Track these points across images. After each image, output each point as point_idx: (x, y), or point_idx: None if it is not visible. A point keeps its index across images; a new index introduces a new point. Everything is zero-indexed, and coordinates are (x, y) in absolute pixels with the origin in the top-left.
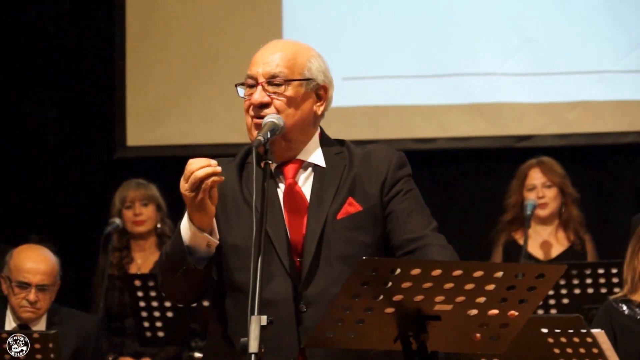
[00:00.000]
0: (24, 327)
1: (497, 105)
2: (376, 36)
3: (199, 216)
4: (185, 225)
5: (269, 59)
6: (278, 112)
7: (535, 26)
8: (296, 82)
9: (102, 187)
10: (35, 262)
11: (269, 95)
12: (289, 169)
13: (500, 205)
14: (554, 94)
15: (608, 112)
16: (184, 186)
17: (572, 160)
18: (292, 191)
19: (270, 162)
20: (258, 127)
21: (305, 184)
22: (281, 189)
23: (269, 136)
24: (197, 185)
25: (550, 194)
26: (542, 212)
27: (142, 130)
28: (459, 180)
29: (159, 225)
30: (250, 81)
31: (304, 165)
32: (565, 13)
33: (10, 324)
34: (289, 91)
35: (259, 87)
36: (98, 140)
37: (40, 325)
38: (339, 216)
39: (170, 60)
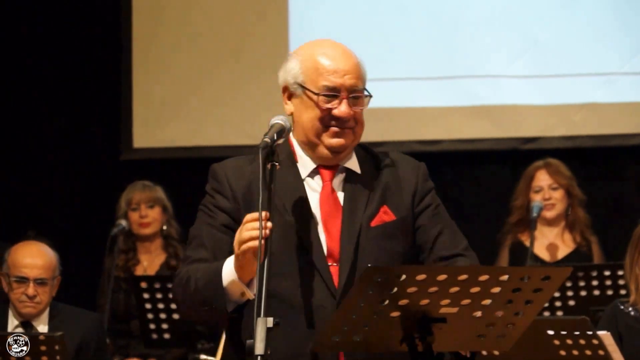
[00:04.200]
0: (26, 324)
1: (503, 108)
2: (382, 38)
3: (242, 269)
4: (228, 268)
5: (349, 69)
6: (357, 123)
7: (541, 29)
8: (367, 94)
9: (108, 188)
10: (32, 257)
11: (350, 108)
12: (328, 172)
13: (506, 207)
14: (560, 96)
15: (614, 114)
16: (237, 239)
17: (579, 162)
18: (329, 195)
19: (276, 164)
20: (340, 135)
21: (339, 188)
22: (317, 192)
23: (275, 138)
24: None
25: (557, 195)
26: (548, 214)
27: (149, 132)
28: (465, 182)
29: (164, 227)
30: (333, 92)
31: (339, 169)
32: (571, 15)
33: (12, 322)
34: (364, 103)
35: (345, 101)
36: (104, 142)
37: (43, 323)
38: (373, 224)
39: (176, 62)
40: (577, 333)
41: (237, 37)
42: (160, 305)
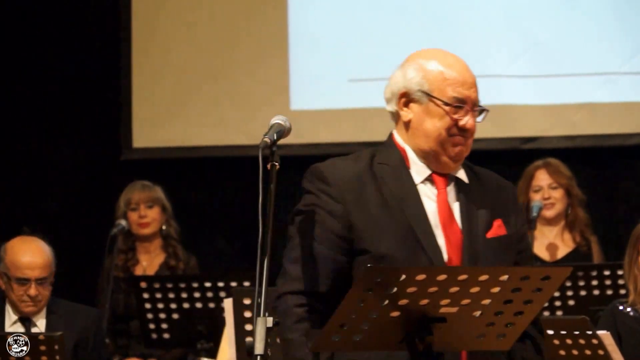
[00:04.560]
0: (24, 319)
1: (503, 107)
2: (382, 39)
3: None
4: None
5: (473, 83)
6: (471, 135)
7: (541, 29)
8: (484, 109)
9: (108, 188)
10: (32, 256)
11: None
12: (442, 180)
13: None
14: (560, 95)
15: (614, 114)
16: None
17: (578, 161)
18: (446, 202)
19: (276, 164)
20: (462, 145)
21: (451, 196)
22: (431, 198)
23: (275, 138)
24: None
25: (557, 195)
26: (548, 213)
27: (148, 132)
28: None
29: (164, 227)
30: (461, 104)
31: (450, 178)
32: (571, 15)
33: (10, 317)
34: (480, 117)
35: (471, 113)
36: (104, 142)
37: (41, 318)
38: (489, 235)
39: (176, 62)
40: (576, 333)
41: (237, 37)
42: (160, 305)
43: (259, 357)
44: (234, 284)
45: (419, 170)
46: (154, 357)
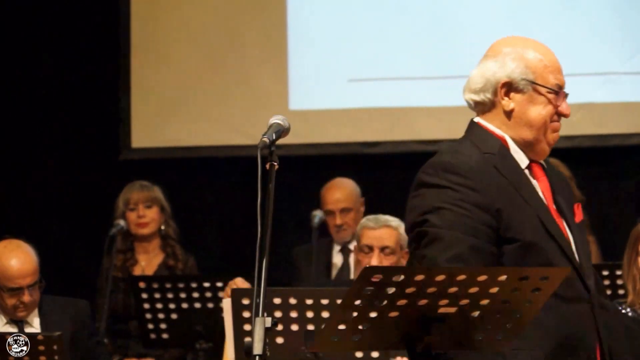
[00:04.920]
0: (17, 322)
1: None
2: (381, 39)
3: None
4: None
5: (561, 67)
6: None
7: (541, 29)
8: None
9: (107, 188)
10: (21, 263)
11: None
12: (539, 168)
13: None
14: None
15: (613, 113)
16: None
17: (578, 161)
18: (549, 191)
19: (275, 164)
20: (557, 131)
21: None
22: (537, 187)
23: (274, 137)
24: None
25: None
26: None
27: (147, 132)
28: None
29: (162, 227)
30: (560, 90)
31: (541, 165)
32: (571, 15)
33: (1, 319)
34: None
35: (564, 98)
36: (103, 142)
37: (34, 317)
38: (577, 220)
39: (174, 62)
40: None
41: (236, 37)
42: (159, 305)
43: (257, 357)
44: None
45: (520, 159)
46: (153, 356)
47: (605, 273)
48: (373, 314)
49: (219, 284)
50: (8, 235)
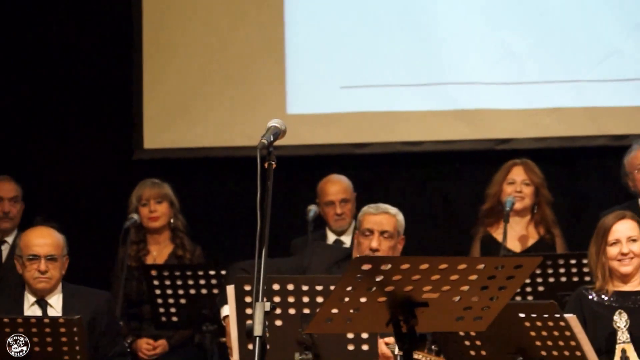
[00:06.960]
0: (41, 302)
1: (479, 112)
2: (370, 50)
3: None
4: None
5: None
6: None
7: (515, 39)
8: None
9: (121, 185)
10: (41, 236)
11: None
12: None
13: (481, 202)
14: (532, 101)
15: (580, 117)
16: None
17: (547, 161)
18: None
19: (273, 163)
20: None
21: None
22: None
23: (272, 139)
24: None
25: (527, 191)
26: (517, 205)
27: (158, 134)
28: (444, 179)
29: (172, 221)
30: None
31: None
32: (544, 26)
33: (28, 300)
34: None
35: None
36: (118, 143)
37: (57, 301)
38: None
39: (182, 72)
40: (545, 316)
41: (238, 48)
42: (169, 291)
43: (257, 338)
44: None
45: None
46: (164, 337)
47: (572, 262)
48: (363, 299)
49: (223, 272)
50: (39, 219)
